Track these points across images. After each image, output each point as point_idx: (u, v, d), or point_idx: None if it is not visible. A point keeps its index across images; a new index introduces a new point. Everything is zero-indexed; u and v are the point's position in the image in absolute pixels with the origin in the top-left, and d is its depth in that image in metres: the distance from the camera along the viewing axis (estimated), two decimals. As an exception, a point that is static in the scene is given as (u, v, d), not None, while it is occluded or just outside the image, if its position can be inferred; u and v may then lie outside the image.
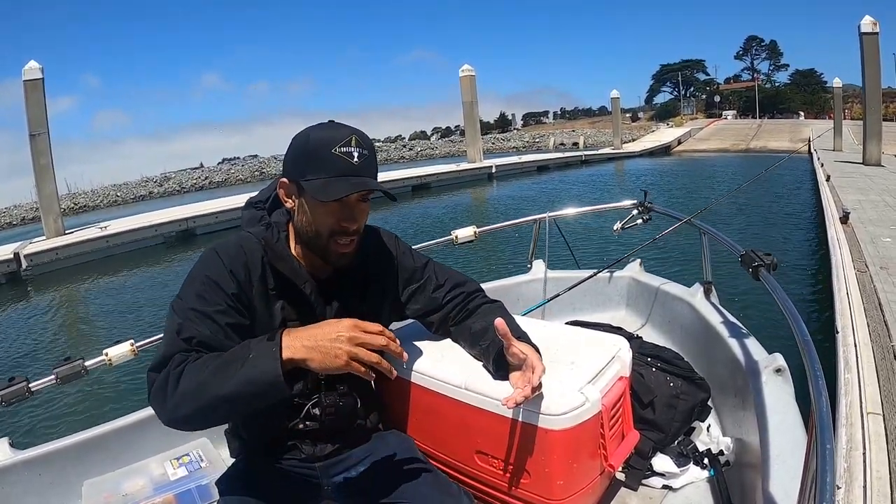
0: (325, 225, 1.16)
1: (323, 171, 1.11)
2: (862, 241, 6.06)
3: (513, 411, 1.24)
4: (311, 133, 1.14)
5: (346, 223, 1.16)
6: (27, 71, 13.43)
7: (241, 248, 1.18)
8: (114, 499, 1.66)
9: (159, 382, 1.01)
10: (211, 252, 1.16)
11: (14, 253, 11.85)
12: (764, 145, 31.91)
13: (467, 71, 22.73)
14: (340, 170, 1.11)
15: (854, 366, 3.05)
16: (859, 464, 2.23)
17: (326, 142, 1.11)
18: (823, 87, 61.95)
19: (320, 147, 1.11)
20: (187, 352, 1.04)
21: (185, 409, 0.99)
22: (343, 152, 1.11)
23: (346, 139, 1.12)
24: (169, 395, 0.99)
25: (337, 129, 1.14)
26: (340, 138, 1.11)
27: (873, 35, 14.84)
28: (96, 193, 42.55)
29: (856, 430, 2.46)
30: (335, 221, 1.15)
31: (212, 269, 1.13)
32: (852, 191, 10.26)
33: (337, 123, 1.16)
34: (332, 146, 1.11)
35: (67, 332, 7.90)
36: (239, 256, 1.16)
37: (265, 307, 1.19)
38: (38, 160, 13.76)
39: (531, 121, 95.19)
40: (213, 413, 1.01)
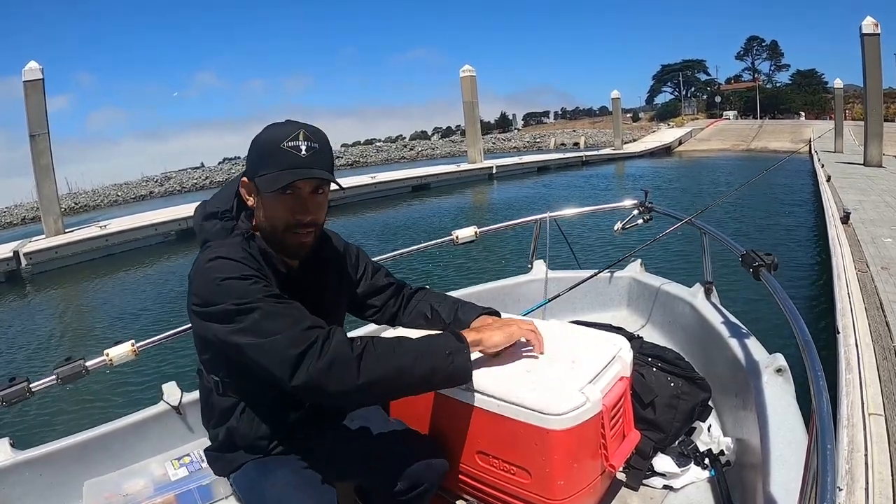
0: (281, 219, 1.19)
1: (272, 166, 1.14)
2: (863, 242, 6.06)
3: (513, 411, 1.24)
4: (263, 131, 1.18)
5: (300, 215, 1.19)
6: (27, 72, 13.43)
7: (246, 252, 1.18)
8: (115, 499, 1.66)
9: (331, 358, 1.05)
10: (221, 260, 1.14)
11: (14, 251, 11.85)
12: (765, 146, 31.93)
13: (468, 71, 22.74)
14: (288, 163, 1.14)
15: (855, 366, 3.04)
16: (861, 465, 2.22)
17: (275, 138, 1.15)
18: (824, 87, 61.92)
19: (269, 143, 1.15)
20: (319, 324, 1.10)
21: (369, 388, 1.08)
22: (291, 146, 1.14)
23: (293, 134, 1.15)
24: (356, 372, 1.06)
25: (286, 126, 1.17)
26: (288, 133, 1.15)
27: (874, 36, 14.84)
28: (97, 193, 42.49)
29: (857, 431, 2.45)
30: (290, 214, 1.18)
31: (242, 269, 1.13)
32: (853, 191, 10.28)
33: (290, 121, 1.19)
34: (281, 141, 1.14)
35: (66, 331, 7.90)
36: (250, 261, 1.16)
37: None
38: (39, 160, 13.77)
39: (532, 121, 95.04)
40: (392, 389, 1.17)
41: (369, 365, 1.07)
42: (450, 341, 1.17)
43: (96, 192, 42.76)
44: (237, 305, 1.08)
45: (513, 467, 1.29)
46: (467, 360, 1.17)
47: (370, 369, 1.07)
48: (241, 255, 1.15)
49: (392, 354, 1.10)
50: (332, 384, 1.05)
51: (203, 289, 1.12)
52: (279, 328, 1.07)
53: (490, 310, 1.48)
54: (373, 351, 1.08)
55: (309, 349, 1.05)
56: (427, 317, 1.51)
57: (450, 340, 1.18)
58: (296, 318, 1.09)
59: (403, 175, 20.77)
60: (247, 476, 1.28)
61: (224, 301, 1.09)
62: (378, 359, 1.08)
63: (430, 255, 8.06)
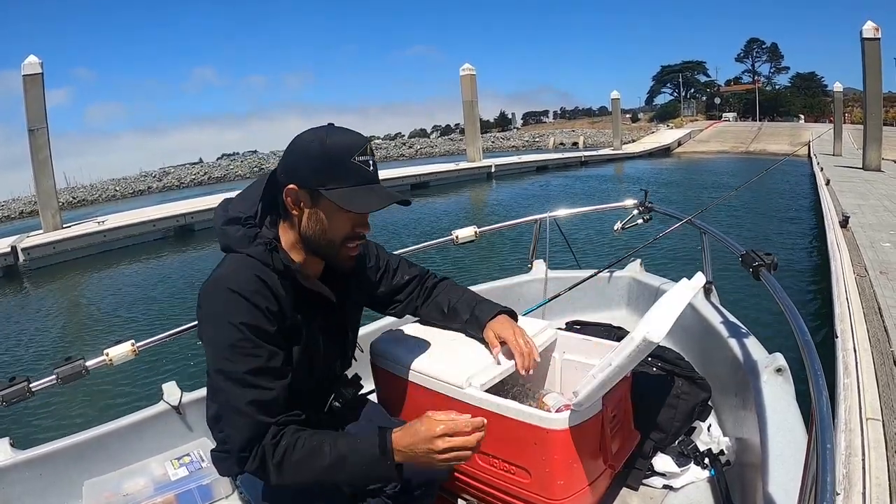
0: (342, 232, 1.17)
1: (345, 181, 1.11)
2: (861, 246, 6.05)
3: (513, 411, 1.25)
4: (325, 139, 1.11)
5: (361, 228, 1.19)
6: (26, 66, 13.37)
7: (259, 279, 1.12)
8: (114, 499, 1.66)
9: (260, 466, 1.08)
10: (229, 294, 1.10)
11: (11, 246, 11.81)
12: (763, 148, 31.90)
13: (468, 70, 22.71)
14: (361, 179, 1.12)
15: (853, 371, 3.03)
16: (858, 470, 2.22)
17: (345, 150, 1.11)
18: (824, 90, 61.93)
19: (340, 155, 1.10)
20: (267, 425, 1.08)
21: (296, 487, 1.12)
22: (361, 161, 1.12)
23: (363, 147, 1.12)
24: (280, 478, 1.08)
25: (352, 136, 1.13)
26: (358, 146, 1.12)
27: (875, 41, 14.85)
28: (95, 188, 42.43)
29: (855, 435, 2.44)
30: (351, 228, 1.17)
31: (243, 313, 1.09)
32: (852, 195, 10.26)
33: (345, 129, 1.15)
34: (352, 154, 1.11)
35: (64, 327, 7.88)
36: (263, 291, 1.12)
37: (301, 327, 1.20)
38: (37, 155, 13.71)
39: (531, 120, 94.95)
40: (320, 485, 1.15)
41: (288, 474, 1.08)
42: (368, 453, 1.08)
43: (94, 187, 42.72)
44: (217, 372, 1.09)
45: (513, 467, 1.30)
46: (389, 471, 1.08)
47: (290, 477, 1.08)
48: (254, 287, 1.10)
49: (306, 469, 1.08)
50: (267, 481, 1.10)
51: (206, 319, 1.12)
52: (237, 424, 1.08)
53: (507, 309, 1.48)
54: (291, 461, 1.07)
55: (250, 453, 1.07)
56: (444, 312, 1.52)
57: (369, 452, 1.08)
58: (249, 424, 1.07)
59: (402, 173, 20.70)
60: (254, 480, 1.28)
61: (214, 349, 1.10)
62: (294, 470, 1.08)
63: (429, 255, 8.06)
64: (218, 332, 1.09)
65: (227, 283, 1.11)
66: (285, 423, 1.10)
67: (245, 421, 1.07)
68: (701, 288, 2.19)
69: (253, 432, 1.07)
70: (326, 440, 1.09)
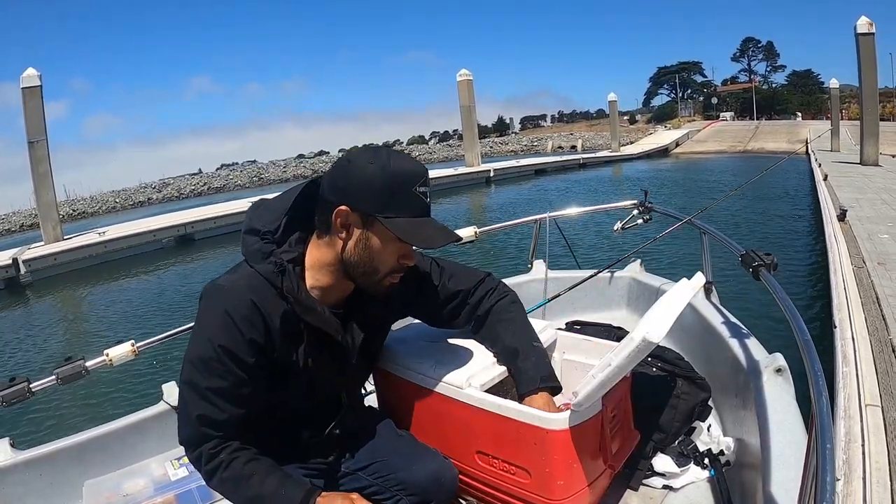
0: (389, 262, 1.14)
1: (405, 211, 1.08)
2: (859, 238, 6.08)
3: (513, 411, 1.24)
4: (387, 164, 1.07)
5: (407, 260, 1.17)
6: (25, 78, 13.42)
7: (255, 305, 1.08)
8: (115, 499, 1.66)
9: (196, 465, 1.14)
10: (222, 314, 1.07)
11: (13, 258, 11.86)
12: (762, 147, 31.96)
13: (465, 76, 22.78)
14: (419, 210, 1.10)
15: (852, 359, 3.06)
16: (858, 456, 2.23)
17: (408, 179, 1.08)
18: (820, 87, 62.17)
19: (402, 184, 1.08)
20: (210, 439, 1.11)
21: None
22: (422, 192, 1.10)
23: (423, 178, 1.10)
24: (209, 484, 1.14)
25: (414, 165, 1.11)
26: (419, 176, 1.10)
27: (869, 35, 14.90)
28: (95, 200, 42.56)
29: (854, 422, 2.46)
30: (397, 259, 1.15)
31: (226, 337, 1.06)
32: (850, 189, 10.28)
33: (405, 155, 1.13)
34: (414, 184, 1.09)
35: (65, 339, 7.89)
36: (254, 317, 1.08)
37: (288, 355, 1.16)
38: (37, 167, 13.76)
39: (529, 124, 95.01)
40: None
41: (215, 485, 1.13)
42: None
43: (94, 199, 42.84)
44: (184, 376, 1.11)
45: (513, 467, 1.29)
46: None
47: (217, 488, 1.13)
48: (245, 314, 1.07)
49: (232, 488, 1.12)
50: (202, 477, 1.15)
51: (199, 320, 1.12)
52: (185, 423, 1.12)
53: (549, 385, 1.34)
54: (220, 476, 1.11)
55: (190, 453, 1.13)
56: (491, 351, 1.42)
57: None
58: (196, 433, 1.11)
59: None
60: None
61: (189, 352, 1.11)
62: (222, 484, 1.12)
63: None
64: (197, 343, 1.09)
65: (223, 298, 1.09)
66: (228, 436, 1.12)
67: (191, 428, 1.11)
68: (701, 288, 2.19)
69: (194, 439, 1.11)
70: (259, 471, 1.11)
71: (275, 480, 1.11)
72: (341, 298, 1.22)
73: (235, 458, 1.10)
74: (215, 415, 1.09)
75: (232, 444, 1.11)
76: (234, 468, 1.10)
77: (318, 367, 1.19)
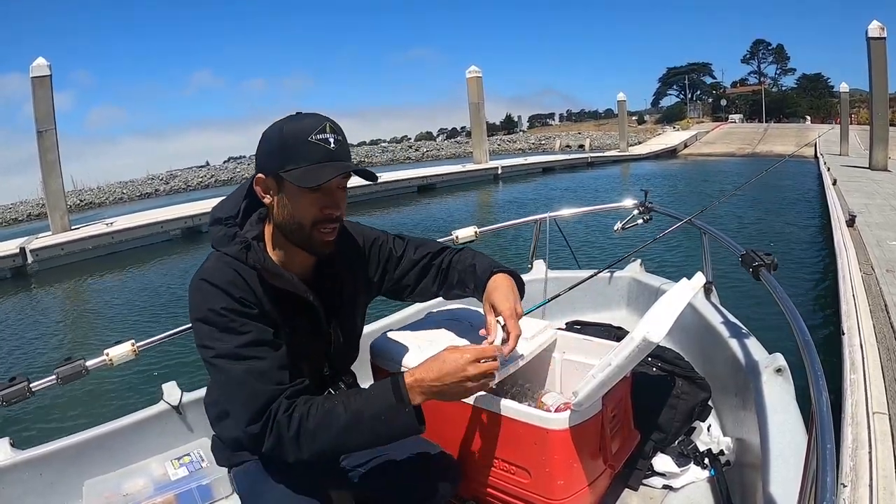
0: (309, 214, 1.15)
1: (302, 160, 1.11)
2: (868, 245, 6.04)
3: (513, 411, 1.25)
4: (284, 125, 1.13)
5: (330, 209, 1.16)
6: (35, 68, 13.45)
7: (236, 272, 1.13)
8: (114, 499, 1.66)
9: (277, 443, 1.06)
10: (205, 285, 1.12)
11: (20, 248, 11.88)
12: (770, 150, 31.78)
13: (474, 72, 22.73)
14: (320, 156, 1.11)
15: (860, 366, 3.03)
16: (865, 463, 2.22)
17: (302, 130, 1.11)
18: (830, 91, 61.85)
19: (296, 136, 1.11)
20: (275, 396, 1.07)
21: (318, 458, 1.08)
22: (320, 139, 1.11)
23: (320, 126, 1.12)
24: (299, 451, 1.06)
25: (310, 118, 1.14)
26: (315, 126, 1.12)
27: (881, 40, 14.81)
28: (102, 190, 42.54)
29: (861, 429, 2.45)
30: (318, 210, 1.15)
31: (223, 300, 1.10)
32: (859, 195, 10.23)
33: (307, 113, 1.16)
34: (309, 134, 1.11)
35: (71, 329, 7.91)
36: (238, 282, 1.13)
37: (280, 326, 1.18)
38: (46, 157, 13.79)
39: (537, 123, 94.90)
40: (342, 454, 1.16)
41: (306, 444, 1.06)
42: (384, 402, 1.08)
43: (102, 190, 42.82)
44: (212, 359, 1.10)
45: (513, 467, 1.30)
46: (408, 418, 1.08)
47: (308, 447, 1.06)
48: (227, 279, 1.12)
49: (324, 434, 1.06)
50: (287, 459, 1.08)
51: (191, 312, 1.13)
52: (243, 399, 1.07)
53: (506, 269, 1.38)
54: (307, 430, 1.06)
55: (265, 428, 1.06)
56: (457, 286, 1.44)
57: (384, 400, 1.09)
58: (256, 390, 1.07)
59: (409, 175, 20.73)
60: (248, 474, 1.28)
61: (202, 340, 1.11)
62: (313, 438, 1.06)
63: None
64: (203, 320, 1.10)
65: (204, 275, 1.13)
66: (293, 394, 1.09)
67: (245, 393, 1.07)
68: (701, 288, 2.19)
69: (255, 403, 1.06)
70: (338, 400, 1.09)
71: (358, 395, 1.10)
72: (306, 267, 1.26)
73: (311, 404, 1.08)
74: (260, 365, 1.08)
75: (300, 399, 1.09)
76: (316, 412, 1.07)
77: (296, 335, 1.20)
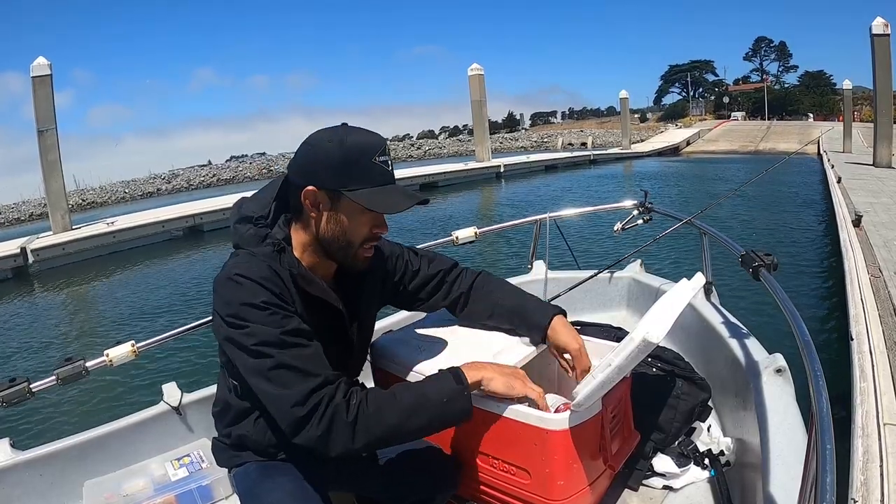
0: (361, 233, 1.17)
1: (367, 182, 1.11)
2: (875, 246, 5.88)
3: (513, 411, 1.25)
4: (344, 140, 1.11)
5: (380, 229, 1.19)
6: (35, 67, 13.48)
7: (272, 269, 1.12)
8: (115, 499, 1.65)
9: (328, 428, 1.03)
10: (242, 279, 1.09)
11: (21, 248, 11.89)
12: (773, 147, 31.79)
13: (476, 70, 22.72)
14: (383, 179, 1.13)
15: (870, 374, 2.94)
16: (876, 476, 2.15)
17: (365, 150, 1.11)
18: (833, 88, 61.63)
19: (360, 156, 1.10)
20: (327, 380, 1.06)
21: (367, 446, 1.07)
22: (381, 161, 1.12)
23: (382, 147, 1.12)
24: (352, 437, 1.04)
25: (370, 136, 1.13)
26: (377, 146, 1.12)
27: (885, 37, 14.79)
28: (104, 190, 42.67)
29: (872, 441, 2.37)
30: (369, 229, 1.17)
31: (260, 294, 1.07)
32: (863, 193, 10.13)
33: (361, 129, 1.15)
34: (372, 154, 1.11)
35: (72, 329, 7.91)
36: (274, 278, 1.11)
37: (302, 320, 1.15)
38: (46, 156, 13.84)
39: (539, 121, 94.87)
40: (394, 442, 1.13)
41: (363, 429, 1.04)
42: (447, 384, 1.12)
43: (104, 189, 42.94)
44: (254, 346, 1.05)
45: (513, 467, 1.29)
46: (466, 402, 1.12)
47: (364, 433, 1.04)
48: (264, 275, 1.10)
49: (387, 414, 1.06)
50: (331, 450, 1.04)
51: (224, 307, 1.09)
52: (289, 381, 1.04)
53: (559, 310, 1.44)
54: (367, 414, 1.05)
55: (312, 413, 1.03)
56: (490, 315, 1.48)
57: (447, 383, 1.13)
58: (307, 372, 1.05)
59: (411, 173, 20.70)
60: (248, 475, 1.27)
61: (241, 330, 1.07)
62: (373, 421, 1.05)
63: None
64: (238, 314, 1.07)
65: (240, 270, 1.10)
66: (347, 383, 1.08)
67: (293, 375, 1.04)
68: (701, 288, 2.19)
69: (306, 384, 1.03)
70: (397, 387, 1.12)
71: (418, 382, 1.14)
72: (328, 275, 1.26)
73: (368, 391, 1.08)
74: (307, 351, 1.07)
75: (354, 388, 1.08)
76: (374, 398, 1.07)
77: (323, 337, 1.18)
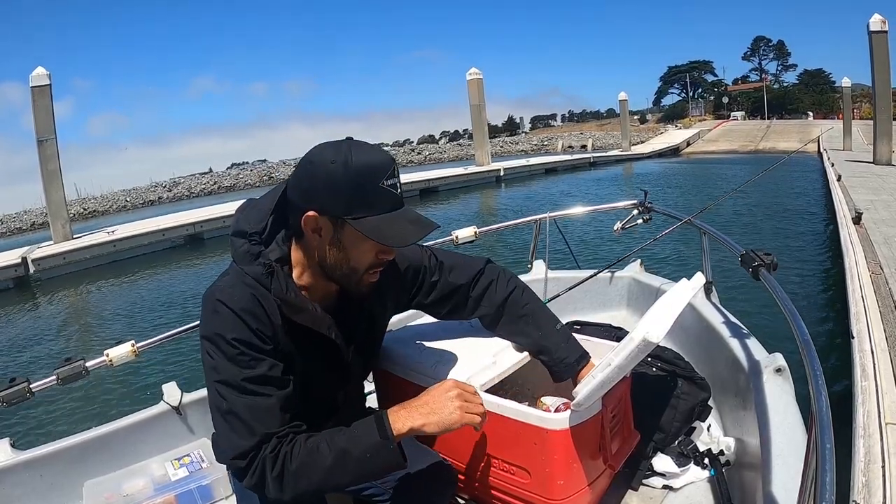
0: (366, 260, 1.09)
1: (374, 209, 1.02)
2: (875, 243, 5.85)
3: (513, 411, 1.25)
4: (349, 161, 1.01)
5: (385, 255, 1.11)
6: (34, 77, 13.53)
7: (255, 298, 1.06)
8: (115, 499, 1.66)
9: (259, 482, 1.01)
10: (221, 307, 1.04)
11: (22, 258, 11.93)
12: (773, 146, 31.80)
13: (475, 74, 22.77)
14: (390, 205, 1.04)
15: (871, 373, 2.92)
16: (878, 477, 2.13)
17: (372, 173, 1.01)
18: (832, 86, 61.68)
19: (367, 181, 1.01)
20: (268, 437, 1.02)
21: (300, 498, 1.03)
22: (390, 185, 1.03)
23: (390, 169, 1.03)
24: (281, 491, 1.01)
25: (378, 156, 1.04)
26: (385, 168, 1.03)
27: (882, 33, 14.80)
28: (105, 199, 42.75)
29: (874, 441, 2.35)
30: (375, 255, 1.09)
31: (237, 330, 1.03)
32: (864, 190, 10.12)
33: (367, 146, 1.05)
34: (380, 179, 1.02)
35: (73, 339, 7.91)
36: (257, 310, 1.05)
37: (295, 356, 1.12)
38: (46, 166, 13.87)
39: (539, 124, 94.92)
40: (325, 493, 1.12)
41: (290, 485, 1.01)
42: (370, 439, 1.03)
43: (105, 198, 43.02)
44: (216, 381, 1.03)
45: (513, 467, 1.29)
46: (391, 456, 1.03)
47: (291, 488, 1.01)
48: (244, 306, 1.04)
49: (309, 471, 1.01)
50: (269, 499, 1.03)
51: (203, 325, 1.07)
52: (237, 429, 1.01)
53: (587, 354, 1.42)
54: (290, 471, 1.00)
55: (249, 466, 1.00)
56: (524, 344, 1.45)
57: (370, 438, 1.03)
58: (251, 429, 1.01)
59: (411, 178, 20.69)
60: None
61: (210, 357, 1.05)
62: (296, 478, 1.01)
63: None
64: (213, 343, 1.04)
65: (222, 296, 1.06)
66: (284, 435, 1.03)
67: (241, 427, 1.01)
68: (701, 288, 2.18)
69: (248, 440, 1.00)
70: (322, 438, 1.03)
71: (341, 434, 1.04)
72: (330, 294, 1.19)
73: (295, 442, 1.02)
74: (263, 402, 1.02)
75: (288, 436, 1.03)
76: (299, 451, 1.01)
77: (312, 366, 1.16)
